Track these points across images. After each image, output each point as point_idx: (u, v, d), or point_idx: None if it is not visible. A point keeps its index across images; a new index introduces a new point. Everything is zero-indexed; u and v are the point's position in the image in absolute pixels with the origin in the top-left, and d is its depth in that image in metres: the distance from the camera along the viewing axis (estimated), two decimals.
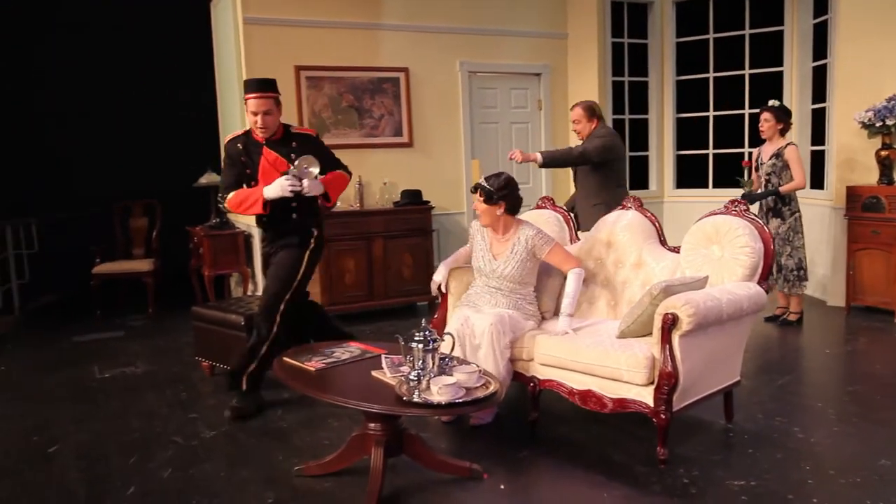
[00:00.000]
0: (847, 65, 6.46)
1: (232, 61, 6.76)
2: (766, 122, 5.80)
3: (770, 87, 7.51)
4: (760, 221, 3.83)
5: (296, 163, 4.07)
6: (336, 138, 6.70)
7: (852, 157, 6.41)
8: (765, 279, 3.73)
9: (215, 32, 7.53)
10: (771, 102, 5.88)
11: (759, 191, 5.78)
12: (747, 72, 7.75)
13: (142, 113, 8.58)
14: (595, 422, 3.89)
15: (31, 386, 5.02)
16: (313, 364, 3.34)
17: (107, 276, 7.35)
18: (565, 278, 3.91)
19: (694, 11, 8.02)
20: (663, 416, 3.26)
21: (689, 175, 8.18)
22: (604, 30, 7.81)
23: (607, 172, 5.24)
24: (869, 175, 6.23)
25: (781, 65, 7.50)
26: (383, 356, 3.26)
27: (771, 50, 7.59)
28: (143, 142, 8.53)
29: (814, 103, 7.25)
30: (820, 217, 6.71)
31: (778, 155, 5.70)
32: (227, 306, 4.96)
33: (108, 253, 7.61)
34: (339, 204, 6.51)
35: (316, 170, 4.10)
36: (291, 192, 4.04)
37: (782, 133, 5.81)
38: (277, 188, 4.04)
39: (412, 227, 6.77)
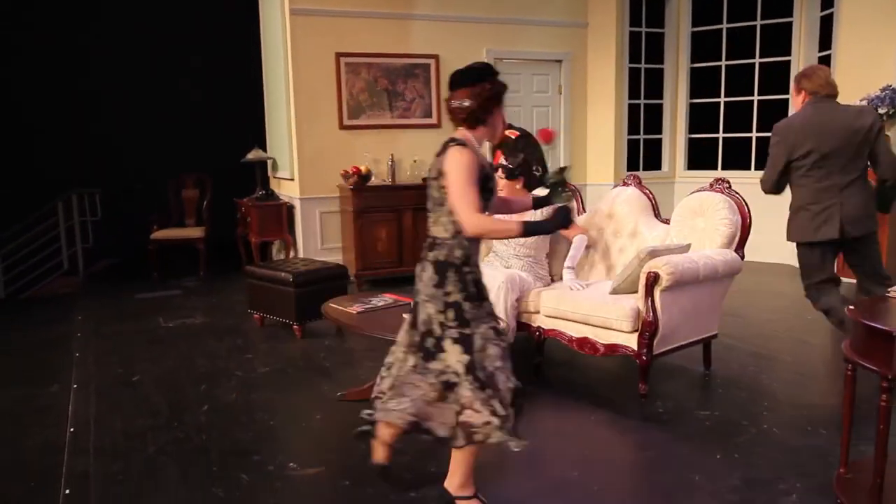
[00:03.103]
0: (847, 55, 6.97)
1: (278, 47, 7.43)
2: None
3: (778, 75, 8.01)
4: (740, 196, 4.41)
5: None
6: (371, 119, 7.40)
7: None
8: (741, 247, 4.33)
9: (262, 20, 8.20)
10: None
11: None
12: (757, 60, 8.23)
13: (196, 95, 9.34)
14: (589, 366, 4.56)
15: (107, 332, 5.79)
16: (354, 309, 4.04)
17: (163, 241, 8.13)
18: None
19: (709, 2, 8.51)
20: (644, 358, 3.90)
21: (700, 157, 8.72)
22: (622, 20, 8.34)
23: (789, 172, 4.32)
24: None
25: (790, 55, 7.98)
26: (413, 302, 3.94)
27: (780, 40, 8.06)
28: (197, 121, 9.28)
29: None
30: None
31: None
32: (277, 266, 5.67)
33: (163, 221, 8.40)
34: (373, 179, 7.20)
35: None
36: None
37: None
38: None
39: None
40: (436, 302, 2.67)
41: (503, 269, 4.55)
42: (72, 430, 3.78)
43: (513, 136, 5.15)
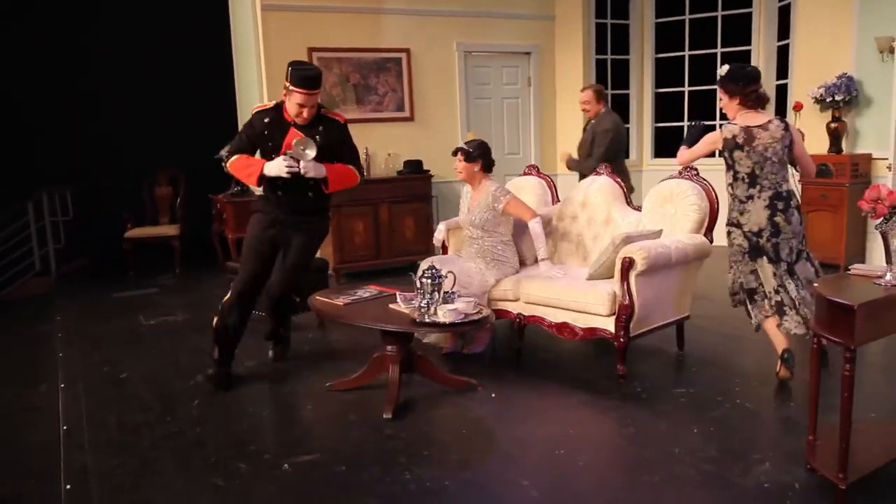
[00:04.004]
0: (805, 45, 7.23)
1: (250, 42, 7.46)
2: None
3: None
4: (707, 183, 4.59)
5: (294, 143, 4.01)
6: (344, 114, 7.33)
7: (808, 129, 7.15)
8: (710, 231, 4.52)
9: (233, 15, 8.20)
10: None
11: None
12: (719, 50, 8.46)
13: (166, 91, 9.33)
14: (569, 350, 4.72)
15: (88, 331, 5.80)
16: (341, 301, 4.13)
17: (138, 239, 8.11)
18: None
19: None
20: (622, 340, 4.07)
21: (667, 145, 8.94)
22: (588, 11, 8.51)
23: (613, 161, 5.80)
24: (821, 145, 6.99)
25: (750, 44, 8.22)
26: (398, 293, 4.05)
27: (740, 30, 8.30)
28: (168, 118, 9.26)
29: (777, 80, 7.99)
30: None
31: None
32: None
33: (137, 220, 8.37)
34: None
35: (312, 153, 4.03)
36: (288, 172, 4.02)
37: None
38: (276, 167, 4.04)
39: (414, 193, 7.53)
40: (798, 237, 4.00)
41: (465, 258, 4.72)
42: (65, 427, 3.82)
43: (342, 120, 4.41)
